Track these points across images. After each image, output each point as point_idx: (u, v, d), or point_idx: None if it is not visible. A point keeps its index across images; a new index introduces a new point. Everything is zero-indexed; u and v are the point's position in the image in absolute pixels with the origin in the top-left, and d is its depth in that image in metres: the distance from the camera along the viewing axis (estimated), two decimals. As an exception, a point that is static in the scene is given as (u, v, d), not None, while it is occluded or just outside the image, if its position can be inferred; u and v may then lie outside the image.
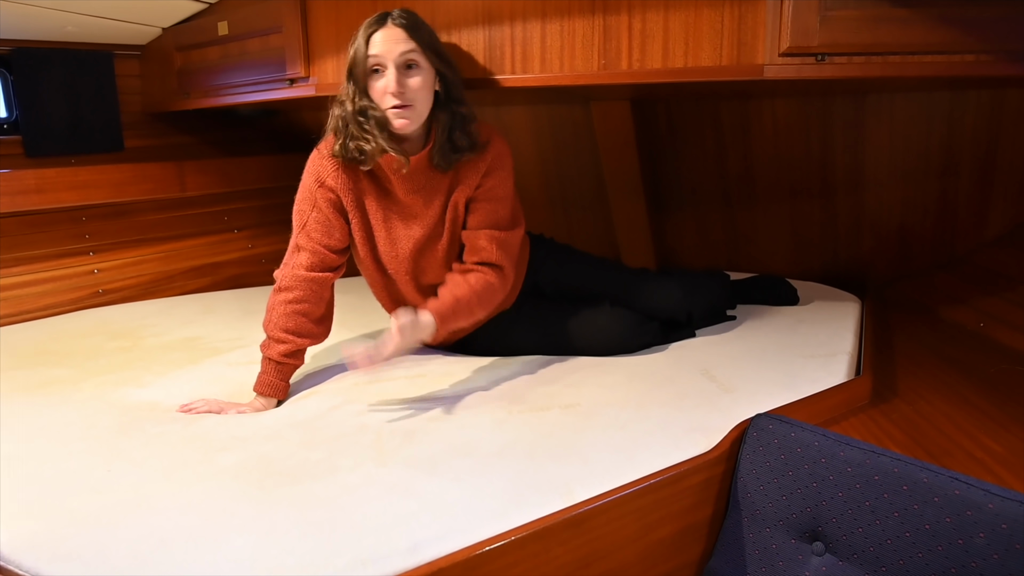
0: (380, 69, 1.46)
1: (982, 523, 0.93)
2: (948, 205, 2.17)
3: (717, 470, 1.20)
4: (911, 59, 1.39)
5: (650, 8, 1.49)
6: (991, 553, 0.92)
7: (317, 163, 1.60)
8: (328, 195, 1.59)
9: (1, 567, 0.93)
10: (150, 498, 1.08)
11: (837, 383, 1.45)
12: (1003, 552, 0.91)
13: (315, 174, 1.59)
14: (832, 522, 1.07)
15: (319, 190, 1.59)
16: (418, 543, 0.95)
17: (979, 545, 0.92)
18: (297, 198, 1.62)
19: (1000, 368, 1.62)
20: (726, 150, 2.41)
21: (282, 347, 1.54)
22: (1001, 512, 0.92)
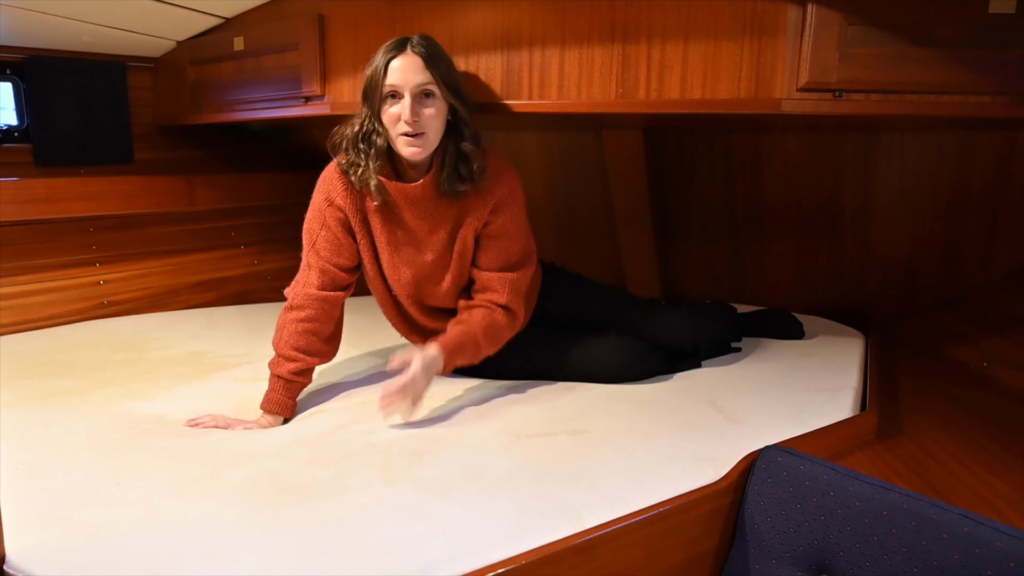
0: (396, 95, 1.48)
1: (990, 561, 0.93)
2: (955, 245, 2.18)
3: (725, 500, 1.19)
4: (927, 98, 1.41)
5: (670, 38, 1.51)
6: (999, 589, 0.91)
7: (328, 181, 1.61)
8: (337, 214, 1.60)
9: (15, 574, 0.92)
10: (159, 513, 1.08)
11: (843, 418, 1.45)
12: (1013, 590, 0.91)
13: (325, 192, 1.61)
14: (839, 556, 1.06)
15: (328, 208, 1.60)
16: (428, 564, 0.94)
17: (989, 583, 0.92)
18: (307, 216, 1.63)
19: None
20: (735, 183, 2.43)
21: (292, 365, 1.54)
22: (1010, 551, 0.92)
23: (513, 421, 1.46)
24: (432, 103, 1.48)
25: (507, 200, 1.59)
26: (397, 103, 1.47)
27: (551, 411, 1.52)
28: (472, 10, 1.73)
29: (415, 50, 1.47)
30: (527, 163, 2.56)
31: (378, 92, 1.48)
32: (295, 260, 1.66)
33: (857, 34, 1.38)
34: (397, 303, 1.72)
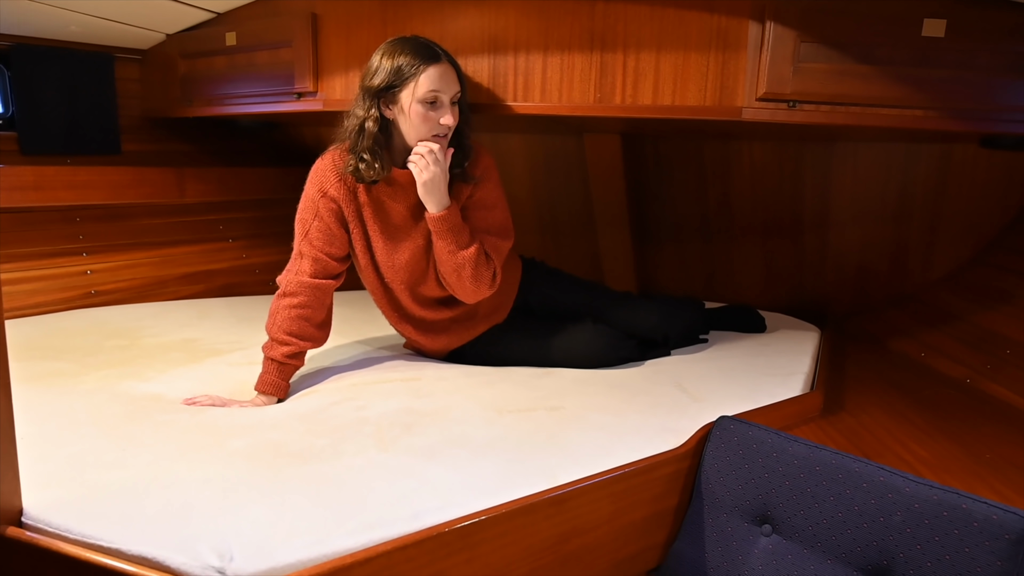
0: (436, 101, 1.59)
1: (899, 504, 1.09)
2: (900, 247, 2.36)
3: (684, 464, 1.33)
4: (870, 110, 1.57)
5: (644, 49, 1.65)
6: (904, 528, 1.08)
7: (321, 173, 1.70)
8: (330, 205, 1.68)
9: (33, 527, 1.00)
10: (167, 474, 1.16)
11: (792, 396, 1.60)
12: (914, 527, 1.07)
13: (318, 184, 1.69)
14: (779, 507, 1.21)
15: (322, 200, 1.68)
16: (419, 513, 1.06)
17: (896, 522, 1.08)
18: (300, 206, 1.71)
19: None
20: (707, 187, 2.58)
21: (285, 348, 1.62)
22: (915, 494, 1.08)
23: (496, 399, 1.58)
24: (457, 110, 1.62)
25: (486, 175, 1.72)
26: (434, 108, 1.59)
27: (530, 391, 1.64)
28: (461, 15, 1.84)
29: (448, 61, 1.61)
30: (512, 165, 2.68)
31: (404, 92, 1.58)
32: (283, 254, 1.75)
33: (809, 51, 1.53)
34: (389, 292, 1.81)
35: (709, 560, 1.28)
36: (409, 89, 1.57)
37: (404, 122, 1.62)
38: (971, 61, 1.54)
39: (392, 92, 1.59)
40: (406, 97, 1.58)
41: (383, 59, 1.60)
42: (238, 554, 0.92)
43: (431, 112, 1.59)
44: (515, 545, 1.11)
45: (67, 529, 0.98)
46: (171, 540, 0.94)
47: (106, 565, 0.92)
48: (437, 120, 1.59)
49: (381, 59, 1.60)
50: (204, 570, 0.90)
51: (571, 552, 1.19)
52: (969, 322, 2.09)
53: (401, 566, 0.99)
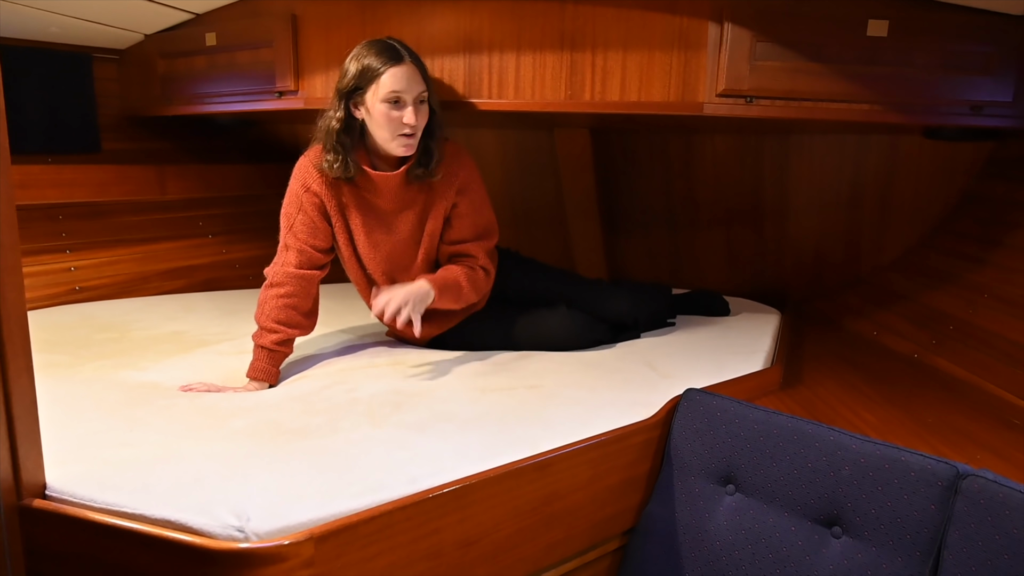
0: (399, 101, 1.65)
1: (847, 459, 1.22)
2: (854, 233, 2.52)
3: (654, 433, 1.45)
4: (820, 105, 1.70)
5: (611, 48, 1.76)
6: (852, 480, 1.21)
7: (304, 170, 1.78)
8: (313, 199, 1.77)
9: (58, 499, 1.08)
10: (176, 450, 1.24)
11: (754, 371, 1.73)
12: (860, 479, 1.20)
13: (302, 179, 1.77)
14: (741, 468, 1.34)
15: (305, 194, 1.77)
16: (415, 477, 1.15)
17: (844, 475, 1.21)
18: (285, 200, 1.79)
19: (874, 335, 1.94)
20: (672, 179, 2.71)
21: (274, 336, 1.70)
22: (861, 450, 1.22)
23: (478, 380, 1.68)
24: (423, 108, 1.69)
25: (469, 181, 1.82)
26: (397, 107, 1.65)
27: (510, 372, 1.74)
28: (437, 16, 1.94)
29: (412, 61, 1.67)
30: (486, 159, 2.77)
31: (369, 93, 1.66)
32: (262, 249, 1.82)
33: (764, 50, 1.66)
34: (371, 282, 1.89)
35: (679, 519, 1.40)
36: (373, 90, 1.65)
37: (371, 122, 1.69)
38: (912, 59, 1.68)
39: (359, 93, 1.67)
40: (371, 98, 1.66)
41: (352, 61, 1.67)
42: (254, 515, 1.00)
43: (394, 112, 1.66)
44: (503, 506, 1.21)
45: (91, 499, 1.06)
46: (190, 505, 1.02)
47: (133, 528, 1.00)
48: (400, 119, 1.66)
49: (351, 61, 1.68)
50: (225, 529, 0.98)
51: (554, 513, 1.30)
52: (917, 302, 2.24)
53: (401, 524, 1.09)
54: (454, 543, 1.16)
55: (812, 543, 1.24)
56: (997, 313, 1.95)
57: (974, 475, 1.12)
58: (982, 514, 1.08)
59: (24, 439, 1.05)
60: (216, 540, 0.98)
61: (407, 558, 1.10)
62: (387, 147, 1.70)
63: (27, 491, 1.06)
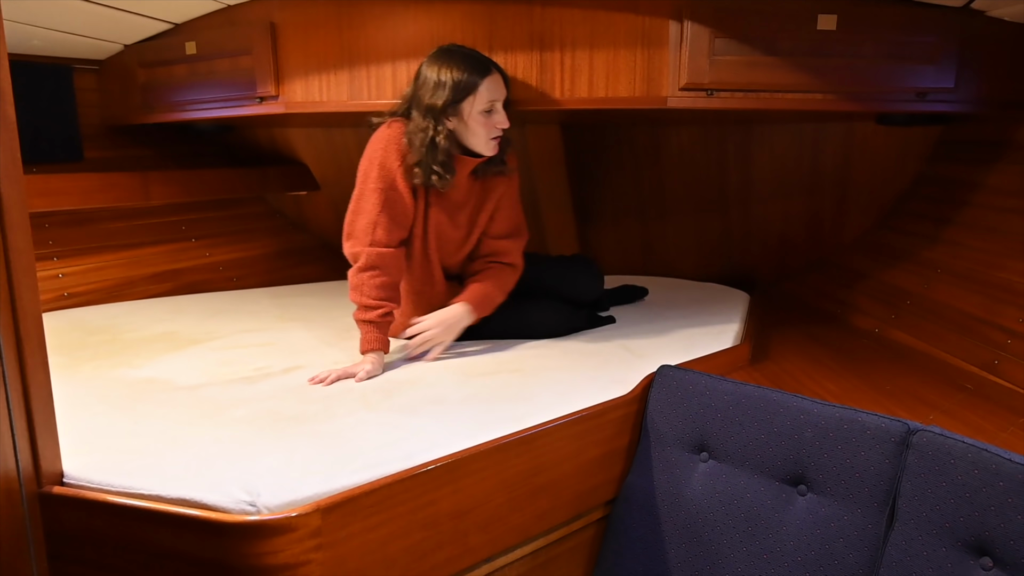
0: (493, 108, 1.77)
1: (809, 423, 1.32)
2: (815, 217, 2.64)
3: (632, 408, 1.54)
4: (777, 96, 1.80)
5: (579, 47, 1.86)
6: (814, 441, 1.31)
7: (390, 151, 1.78)
8: (400, 180, 1.80)
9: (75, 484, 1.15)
10: (183, 438, 1.31)
11: (724, 348, 1.84)
12: (821, 440, 1.31)
13: (390, 160, 1.78)
14: (713, 436, 1.44)
15: (396, 174, 1.78)
16: (410, 454, 1.24)
17: (808, 437, 1.32)
18: (371, 179, 1.78)
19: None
20: (641, 170, 2.82)
21: (379, 310, 1.75)
22: (822, 413, 1.32)
23: (464, 366, 1.77)
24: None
25: (514, 176, 1.96)
26: (494, 114, 1.77)
27: (494, 358, 1.83)
28: (411, 21, 2.01)
29: (496, 70, 1.78)
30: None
31: (465, 104, 1.74)
32: (245, 251, 1.86)
33: (722, 45, 1.76)
34: (427, 262, 1.93)
35: (658, 487, 1.49)
36: (470, 101, 1.74)
37: (463, 130, 1.78)
38: (860, 50, 1.79)
39: (454, 106, 1.74)
40: (468, 108, 1.74)
41: (440, 75, 1.74)
42: (263, 491, 1.08)
43: (489, 119, 1.77)
44: (493, 479, 1.30)
45: (107, 484, 1.13)
46: (203, 484, 1.10)
47: (149, 508, 1.07)
48: (495, 125, 1.77)
49: (438, 75, 1.74)
50: (237, 504, 1.06)
51: (540, 485, 1.39)
52: (876, 280, 2.37)
53: (399, 496, 1.17)
54: (449, 513, 1.25)
55: (780, 501, 1.35)
56: (949, 287, 2.08)
57: (923, 430, 1.23)
58: (931, 465, 1.19)
59: (42, 430, 1.12)
60: (230, 514, 1.06)
61: (406, 527, 1.19)
62: (480, 149, 1.81)
63: (46, 479, 1.13)
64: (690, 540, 1.42)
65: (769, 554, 1.32)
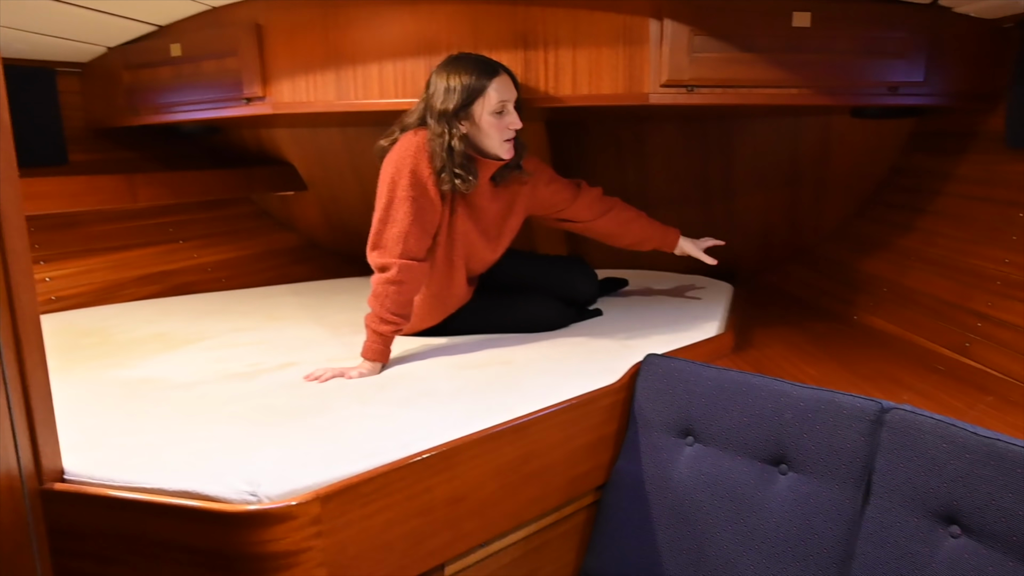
0: (503, 110, 1.79)
1: (789, 405, 1.37)
2: (795, 209, 2.70)
3: (620, 396, 1.59)
4: (755, 91, 1.86)
5: (562, 46, 1.90)
6: (794, 422, 1.36)
7: (418, 160, 1.77)
8: (434, 190, 1.80)
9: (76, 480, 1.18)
10: (181, 434, 1.34)
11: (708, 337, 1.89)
12: (800, 420, 1.35)
13: (420, 170, 1.78)
14: (698, 421, 1.49)
15: (428, 179, 1.78)
16: (406, 443, 1.27)
17: (788, 419, 1.36)
18: (399, 189, 1.76)
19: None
20: (625, 165, 2.86)
21: (393, 327, 1.75)
22: (800, 396, 1.37)
23: (453, 360, 1.80)
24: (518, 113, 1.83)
25: (536, 169, 2.01)
26: (506, 115, 1.79)
27: (483, 352, 1.87)
28: (397, 21, 2.04)
29: (505, 72, 1.80)
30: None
31: (476, 107, 1.76)
32: (234, 252, 1.86)
33: (701, 42, 1.81)
34: (451, 267, 1.93)
35: (646, 472, 1.54)
36: (480, 103, 1.76)
37: (477, 133, 1.80)
38: (834, 46, 1.85)
39: (466, 109, 1.77)
40: (478, 111, 1.76)
41: (449, 80, 1.76)
42: (264, 481, 1.11)
43: (501, 120, 1.79)
44: (486, 465, 1.34)
45: (108, 479, 1.16)
46: (204, 477, 1.13)
47: (152, 501, 1.10)
48: (507, 126, 1.79)
49: (448, 81, 1.76)
50: (239, 494, 1.09)
51: (532, 471, 1.43)
52: (855, 268, 2.44)
53: (396, 483, 1.21)
54: (444, 500, 1.29)
55: (763, 481, 1.40)
56: (924, 273, 2.14)
57: (896, 409, 1.28)
58: (903, 441, 1.24)
59: (42, 428, 1.14)
60: (232, 504, 1.09)
61: (403, 514, 1.23)
62: (495, 152, 1.83)
63: (47, 476, 1.16)
64: (678, 522, 1.47)
65: (753, 532, 1.37)
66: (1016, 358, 1.74)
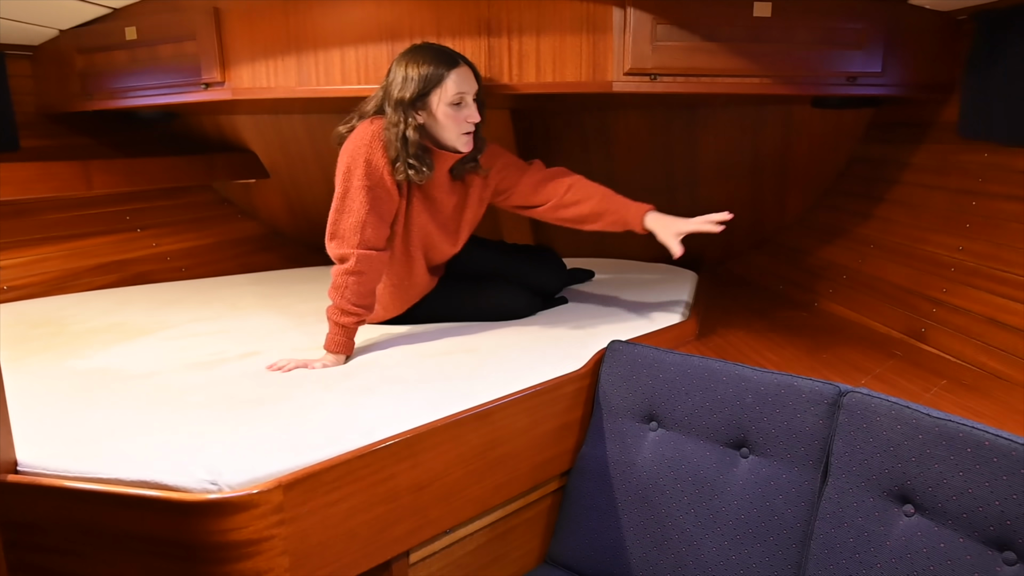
0: (462, 102, 1.76)
1: (750, 389, 1.40)
2: (758, 197, 2.74)
3: (584, 382, 1.60)
4: (717, 80, 1.87)
5: (526, 33, 1.89)
6: (755, 406, 1.39)
7: (371, 150, 1.75)
8: (389, 179, 1.78)
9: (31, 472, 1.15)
10: (140, 424, 1.32)
11: (672, 324, 1.91)
12: (761, 404, 1.38)
13: (373, 159, 1.76)
14: (661, 406, 1.51)
15: (381, 173, 1.76)
16: (370, 430, 1.27)
17: (748, 403, 1.39)
18: (354, 178, 1.74)
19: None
20: (590, 153, 2.87)
21: (355, 318, 1.73)
22: (761, 380, 1.40)
23: (419, 348, 1.79)
24: (476, 105, 1.80)
25: (494, 156, 1.96)
26: (460, 108, 1.76)
27: (448, 340, 1.86)
28: (359, 7, 2.01)
29: (466, 63, 1.77)
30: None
31: (433, 98, 1.74)
32: (194, 241, 1.83)
33: (664, 31, 1.82)
34: (409, 258, 1.93)
35: (611, 457, 1.55)
36: (437, 94, 1.74)
37: (434, 124, 1.77)
38: (794, 36, 1.88)
39: (423, 99, 1.74)
40: (435, 101, 1.74)
41: (408, 70, 1.74)
42: (225, 470, 1.10)
43: (459, 112, 1.76)
44: (450, 452, 1.34)
45: (65, 470, 1.13)
46: (164, 467, 1.11)
47: (110, 491, 1.08)
48: (464, 119, 1.77)
49: (406, 70, 1.74)
50: (199, 484, 1.08)
51: (497, 458, 1.44)
52: (816, 256, 2.48)
53: (360, 471, 1.20)
54: (408, 487, 1.28)
55: (724, 464, 1.42)
56: (881, 261, 2.19)
57: (853, 392, 1.31)
58: (859, 423, 1.27)
59: (-6, 419, 1.11)
60: (192, 493, 1.07)
61: (367, 502, 1.22)
62: (452, 144, 1.80)
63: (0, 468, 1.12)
64: (642, 506, 1.48)
65: (715, 514, 1.39)
66: (969, 343, 1.79)
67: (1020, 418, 1.46)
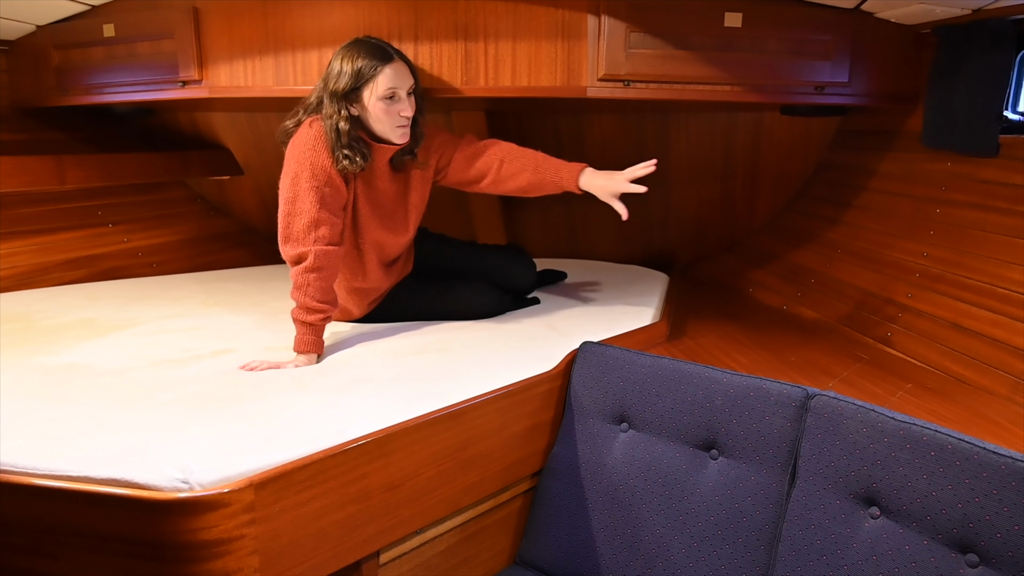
0: (394, 96, 1.78)
1: (720, 392, 1.43)
2: (729, 201, 2.79)
3: (556, 383, 1.62)
4: (688, 87, 1.91)
5: (502, 38, 1.92)
6: (724, 408, 1.42)
7: (317, 145, 1.78)
8: (334, 172, 1.79)
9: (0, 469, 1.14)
10: (112, 422, 1.31)
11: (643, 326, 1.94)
12: (730, 407, 1.41)
13: (319, 154, 1.78)
14: (632, 407, 1.53)
15: (328, 169, 1.78)
16: (342, 430, 1.28)
17: (718, 405, 1.42)
18: (302, 178, 1.76)
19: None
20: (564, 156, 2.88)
21: (320, 315, 1.75)
22: (731, 383, 1.43)
23: (391, 347, 1.81)
24: (412, 100, 1.82)
25: (430, 136, 1.97)
26: (397, 102, 1.78)
27: (421, 339, 1.88)
28: (337, 8, 2.02)
29: (400, 58, 1.79)
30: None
31: (365, 92, 1.76)
32: (166, 237, 1.82)
33: (638, 39, 1.86)
34: (360, 253, 1.95)
35: (582, 458, 1.58)
36: (370, 88, 1.76)
37: (368, 117, 1.79)
38: (764, 46, 1.92)
39: (355, 93, 1.77)
40: (368, 96, 1.77)
41: (343, 63, 1.76)
42: (196, 468, 1.10)
43: (391, 106, 1.78)
44: (423, 452, 1.36)
45: (33, 468, 1.13)
46: (134, 465, 1.11)
47: (79, 489, 1.08)
48: (398, 113, 1.79)
49: (341, 63, 1.76)
50: (170, 482, 1.08)
51: (469, 458, 1.45)
52: (785, 260, 2.53)
53: (332, 471, 1.21)
54: (380, 486, 1.29)
55: (694, 465, 1.45)
56: (848, 265, 2.25)
57: (820, 395, 1.34)
58: (827, 426, 1.30)
59: (-40, 417, 1.10)
60: (162, 492, 1.07)
61: (339, 501, 1.23)
62: (386, 136, 1.82)
63: (-34, 466, 1.12)
64: (612, 507, 1.51)
65: (685, 516, 1.42)
66: (933, 347, 1.85)
67: (983, 422, 1.50)
